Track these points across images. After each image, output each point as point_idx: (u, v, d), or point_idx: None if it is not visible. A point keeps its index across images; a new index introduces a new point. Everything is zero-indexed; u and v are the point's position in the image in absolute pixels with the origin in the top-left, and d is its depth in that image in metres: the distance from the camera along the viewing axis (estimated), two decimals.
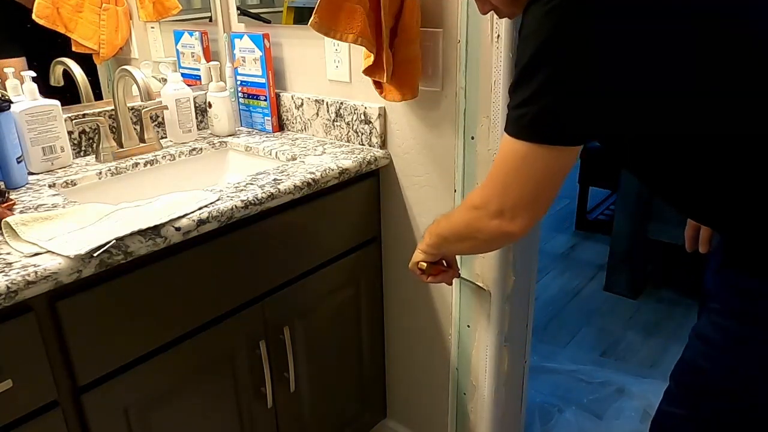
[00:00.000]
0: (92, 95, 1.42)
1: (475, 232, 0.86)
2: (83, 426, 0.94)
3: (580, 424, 1.74)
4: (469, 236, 0.88)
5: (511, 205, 0.79)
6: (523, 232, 0.80)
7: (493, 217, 0.81)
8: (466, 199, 0.90)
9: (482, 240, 0.87)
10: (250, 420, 1.22)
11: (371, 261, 1.43)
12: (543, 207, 0.80)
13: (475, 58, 1.13)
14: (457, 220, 0.92)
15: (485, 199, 0.82)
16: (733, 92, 0.70)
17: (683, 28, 0.67)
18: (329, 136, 1.44)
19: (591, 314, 2.39)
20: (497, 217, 0.80)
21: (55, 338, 0.87)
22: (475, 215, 0.84)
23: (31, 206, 1.04)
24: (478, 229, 0.85)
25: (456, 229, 0.93)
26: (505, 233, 0.81)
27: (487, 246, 0.98)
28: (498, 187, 0.80)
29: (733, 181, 0.74)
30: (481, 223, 0.83)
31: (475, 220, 0.85)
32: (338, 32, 1.11)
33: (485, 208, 0.82)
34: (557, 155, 0.75)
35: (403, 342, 1.51)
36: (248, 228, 1.09)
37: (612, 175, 2.82)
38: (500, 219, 0.80)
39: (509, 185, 0.78)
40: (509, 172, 0.78)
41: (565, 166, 0.76)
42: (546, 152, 0.74)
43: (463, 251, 1.15)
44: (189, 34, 1.56)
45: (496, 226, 0.81)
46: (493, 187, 0.81)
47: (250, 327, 1.16)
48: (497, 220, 0.80)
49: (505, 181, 0.79)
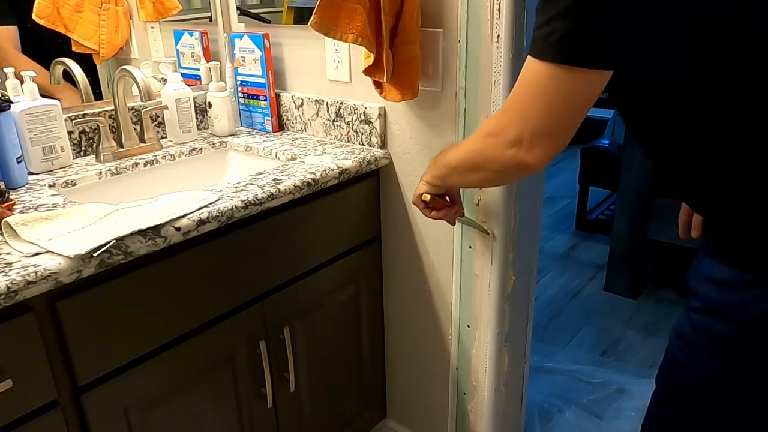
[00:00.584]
0: (92, 95, 1.42)
1: (487, 161, 0.81)
2: (83, 426, 0.94)
3: (580, 424, 1.74)
4: (481, 166, 0.83)
5: (531, 132, 0.73)
6: (539, 164, 0.75)
7: (509, 145, 0.76)
8: (481, 126, 0.85)
9: (494, 170, 0.81)
10: (250, 420, 1.22)
11: (371, 261, 1.43)
12: (563, 137, 0.75)
13: (475, 58, 1.13)
14: (469, 149, 0.86)
15: (503, 125, 0.77)
16: (732, 92, 0.69)
17: (684, 28, 0.67)
18: (329, 136, 1.44)
19: (591, 314, 2.39)
20: (514, 145, 0.75)
21: (55, 338, 0.87)
22: (489, 143, 0.79)
23: (31, 206, 1.04)
24: (492, 158, 0.80)
25: (467, 158, 0.87)
26: (520, 164, 0.76)
27: (499, 178, 0.91)
28: (518, 112, 0.75)
29: (727, 174, 0.73)
30: (495, 152, 0.78)
31: (489, 148, 0.80)
32: (338, 32, 1.11)
33: (502, 136, 0.76)
34: (586, 79, 0.70)
35: (403, 342, 1.51)
36: (248, 228, 1.09)
37: (612, 175, 2.82)
38: (517, 148, 0.75)
39: (530, 111, 0.73)
40: (531, 96, 0.73)
41: (592, 93, 0.71)
42: (573, 75, 0.69)
43: (471, 183, 1.05)
44: (189, 34, 1.56)
45: (512, 156, 0.76)
46: (513, 113, 0.75)
47: (250, 327, 1.16)
48: (513, 149, 0.75)
49: (526, 106, 0.73)
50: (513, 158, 0.76)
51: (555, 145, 0.75)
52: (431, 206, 1.05)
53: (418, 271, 1.40)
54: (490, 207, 1.20)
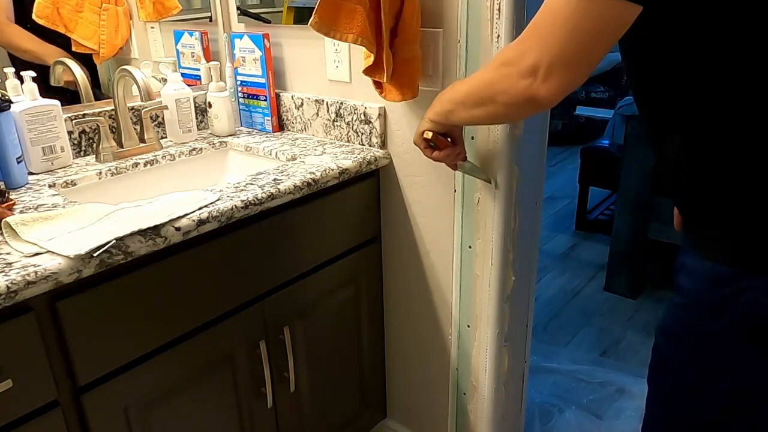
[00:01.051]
0: (92, 95, 1.42)
1: (498, 93, 0.78)
2: (83, 426, 0.94)
3: (580, 424, 1.74)
4: (489, 99, 0.80)
5: (549, 60, 0.71)
6: (551, 98, 0.73)
7: (524, 75, 0.73)
8: (494, 57, 0.81)
9: (502, 104, 0.78)
10: (250, 420, 1.22)
11: (371, 261, 1.43)
12: (581, 71, 0.72)
13: (475, 58, 1.13)
14: (480, 80, 0.83)
15: (520, 53, 0.73)
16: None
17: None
18: (329, 136, 1.44)
19: (591, 314, 2.39)
20: (529, 75, 0.72)
21: (55, 338, 0.87)
22: (503, 72, 0.76)
23: (31, 206, 1.04)
24: (503, 90, 0.76)
25: (475, 90, 0.83)
26: (532, 97, 0.73)
27: (508, 113, 0.84)
28: (538, 39, 0.72)
29: (724, 148, 0.71)
30: (508, 82, 0.75)
31: (502, 78, 0.76)
32: (338, 32, 1.11)
33: (517, 64, 0.73)
34: (615, 8, 0.67)
35: (403, 342, 1.51)
36: (248, 228, 1.09)
37: (612, 175, 2.82)
38: (532, 78, 0.72)
39: (552, 37, 0.70)
40: (556, 22, 0.70)
41: (618, 26, 0.68)
42: (603, 2, 0.66)
43: (477, 119, 0.96)
44: (189, 34, 1.56)
45: (525, 87, 0.73)
46: (533, 40, 0.72)
47: (250, 327, 1.16)
48: (528, 79, 0.73)
49: (548, 32, 0.71)
50: (525, 90, 0.73)
51: (571, 79, 0.72)
52: (433, 145, 1.02)
53: (418, 271, 1.40)
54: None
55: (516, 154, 1.16)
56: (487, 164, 1.17)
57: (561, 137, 4.50)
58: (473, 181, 1.21)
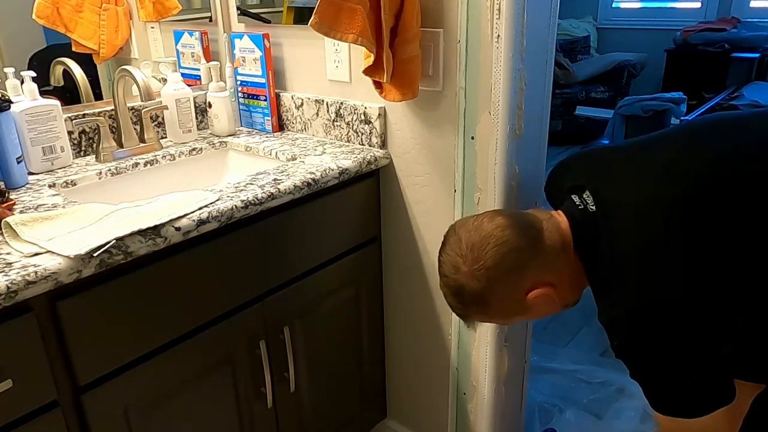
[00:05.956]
0: (92, 95, 1.42)
1: None
2: (83, 426, 0.94)
3: (580, 424, 1.74)
4: None
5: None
6: None
7: None
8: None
9: None
10: (250, 420, 1.22)
11: (371, 261, 1.43)
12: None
13: (475, 58, 1.13)
14: None
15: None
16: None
17: None
18: (329, 136, 1.44)
19: (591, 314, 2.37)
20: None
21: (55, 338, 0.87)
22: None
23: (31, 206, 1.04)
24: None
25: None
26: None
27: None
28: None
29: None
30: None
31: None
32: (338, 32, 1.10)
33: None
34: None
35: (403, 342, 1.51)
36: (248, 228, 1.09)
37: None
38: None
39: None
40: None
41: None
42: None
43: None
44: (189, 34, 1.56)
45: None
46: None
47: (250, 327, 1.16)
48: None
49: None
50: None
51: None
52: None
53: (418, 271, 1.40)
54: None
55: (516, 154, 1.16)
56: (488, 164, 1.17)
57: (561, 137, 4.49)
58: (473, 181, 1.21)
